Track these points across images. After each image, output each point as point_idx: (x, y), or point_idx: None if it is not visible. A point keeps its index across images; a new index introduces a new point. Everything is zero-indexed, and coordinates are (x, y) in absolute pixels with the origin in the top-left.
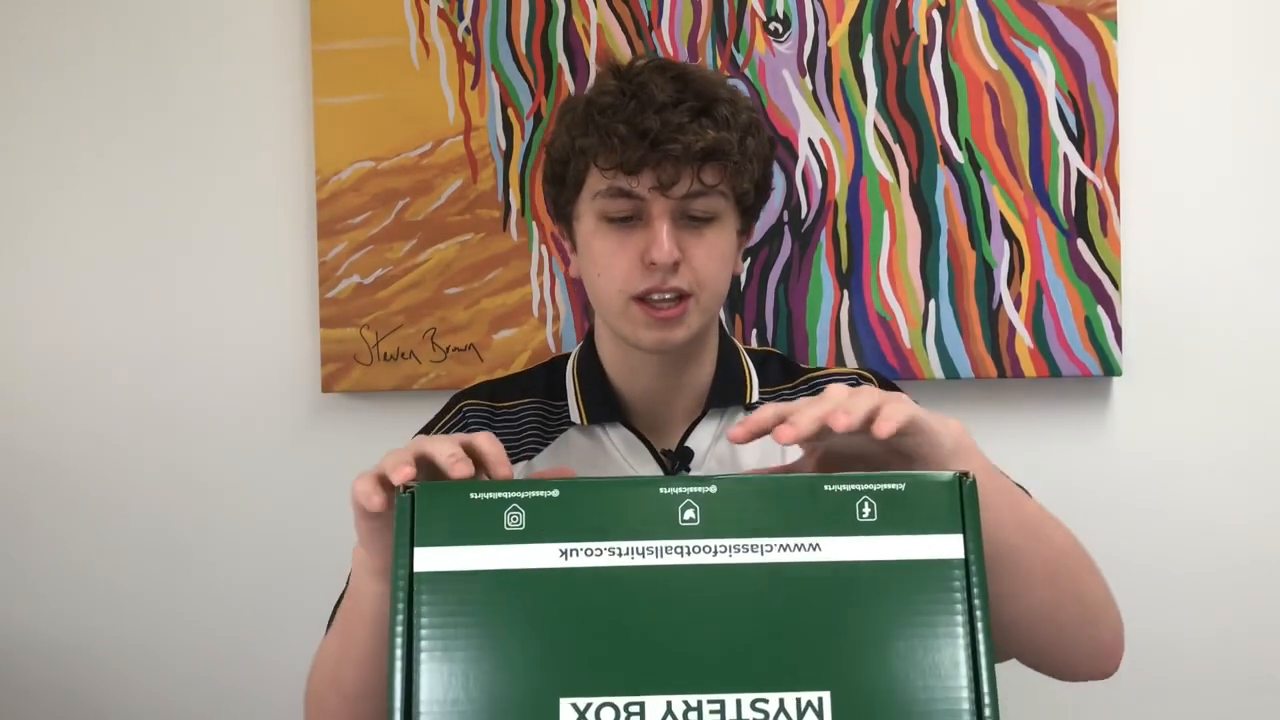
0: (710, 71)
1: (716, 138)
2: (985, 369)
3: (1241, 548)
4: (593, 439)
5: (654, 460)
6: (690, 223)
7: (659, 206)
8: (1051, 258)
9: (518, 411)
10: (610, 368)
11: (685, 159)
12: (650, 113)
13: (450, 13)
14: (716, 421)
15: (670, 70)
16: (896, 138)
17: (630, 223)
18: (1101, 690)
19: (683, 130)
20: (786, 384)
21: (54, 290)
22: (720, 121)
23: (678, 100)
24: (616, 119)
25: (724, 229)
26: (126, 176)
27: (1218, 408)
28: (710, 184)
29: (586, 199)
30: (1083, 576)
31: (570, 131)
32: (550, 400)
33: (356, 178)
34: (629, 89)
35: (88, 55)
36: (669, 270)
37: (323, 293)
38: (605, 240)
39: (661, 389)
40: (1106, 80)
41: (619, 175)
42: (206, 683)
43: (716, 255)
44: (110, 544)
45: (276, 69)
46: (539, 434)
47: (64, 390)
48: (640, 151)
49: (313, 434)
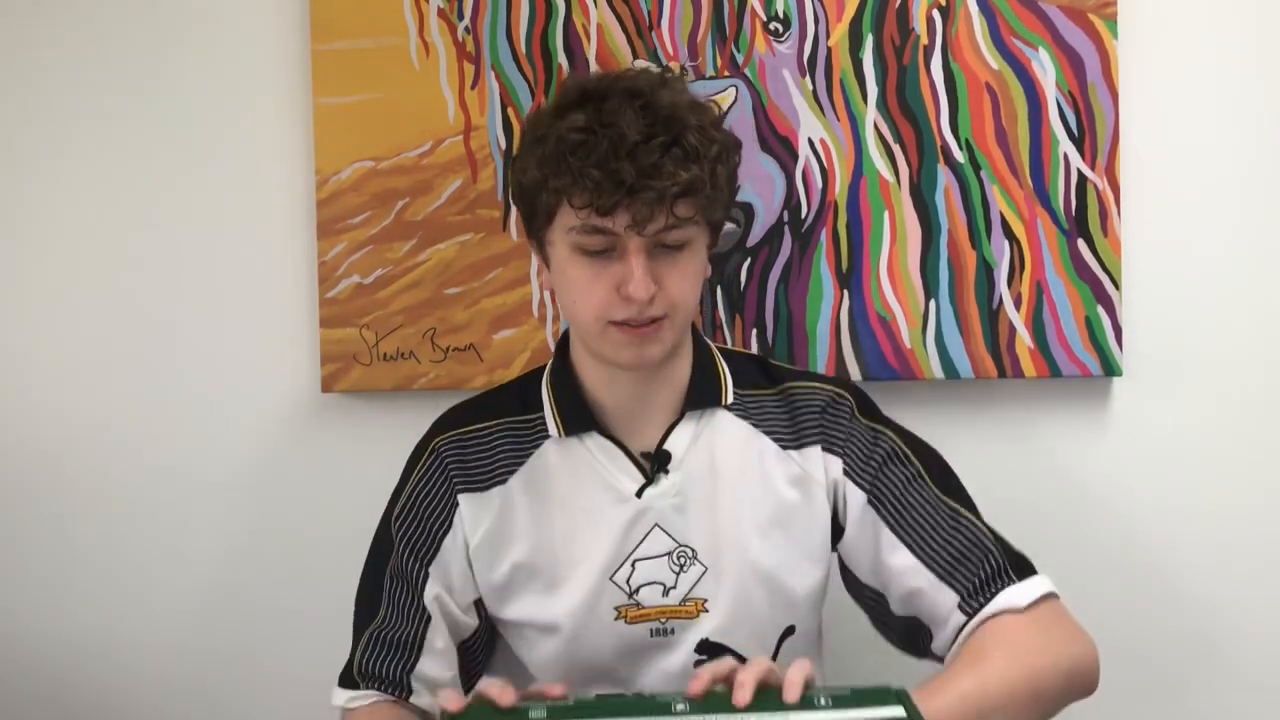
0: (676, 90)
1: (689, 178)
2: (985, 369)
3: (1242, 547)
4: (569, 450)
5: (632, 464)
6: (664, 250)
7: (634, 243)
8: (1052, 258)
9: (488, 435)
10: (586, 377)
11: (660, 201)
12: (623, 155)
13: (450, 12)
14: (694, 423)
15: (638, 98)
16: (897, 138)
17: (605, 255)
18: (1100, 690)
19: (657, 173)
20: (767, 388)
21: (53, 290)
22: (691, 154)
23: (648, 136)
24: (589, 162)
25: (695, 251)
26: (126, 176)
27: (1218, 408)
28: (684, 217)
29: (559, 229)
30: (1070, 686)
31: (541, 167)
32: (523, 416)
33: (356, 177)
34: (599, 126)
35: (87, 55)
36: (645, 304)
37: (322, 293)
38: (580, 270)
39: (637, 394)
40: (1107, 80)
41: (593, 215)
42: (206, 682)
43: (689, 277)
44: (110, 543)
45: (276, 69)
46: (512, 454)
47: (63, 390)
48: (615, 197)
49: (313, 434)
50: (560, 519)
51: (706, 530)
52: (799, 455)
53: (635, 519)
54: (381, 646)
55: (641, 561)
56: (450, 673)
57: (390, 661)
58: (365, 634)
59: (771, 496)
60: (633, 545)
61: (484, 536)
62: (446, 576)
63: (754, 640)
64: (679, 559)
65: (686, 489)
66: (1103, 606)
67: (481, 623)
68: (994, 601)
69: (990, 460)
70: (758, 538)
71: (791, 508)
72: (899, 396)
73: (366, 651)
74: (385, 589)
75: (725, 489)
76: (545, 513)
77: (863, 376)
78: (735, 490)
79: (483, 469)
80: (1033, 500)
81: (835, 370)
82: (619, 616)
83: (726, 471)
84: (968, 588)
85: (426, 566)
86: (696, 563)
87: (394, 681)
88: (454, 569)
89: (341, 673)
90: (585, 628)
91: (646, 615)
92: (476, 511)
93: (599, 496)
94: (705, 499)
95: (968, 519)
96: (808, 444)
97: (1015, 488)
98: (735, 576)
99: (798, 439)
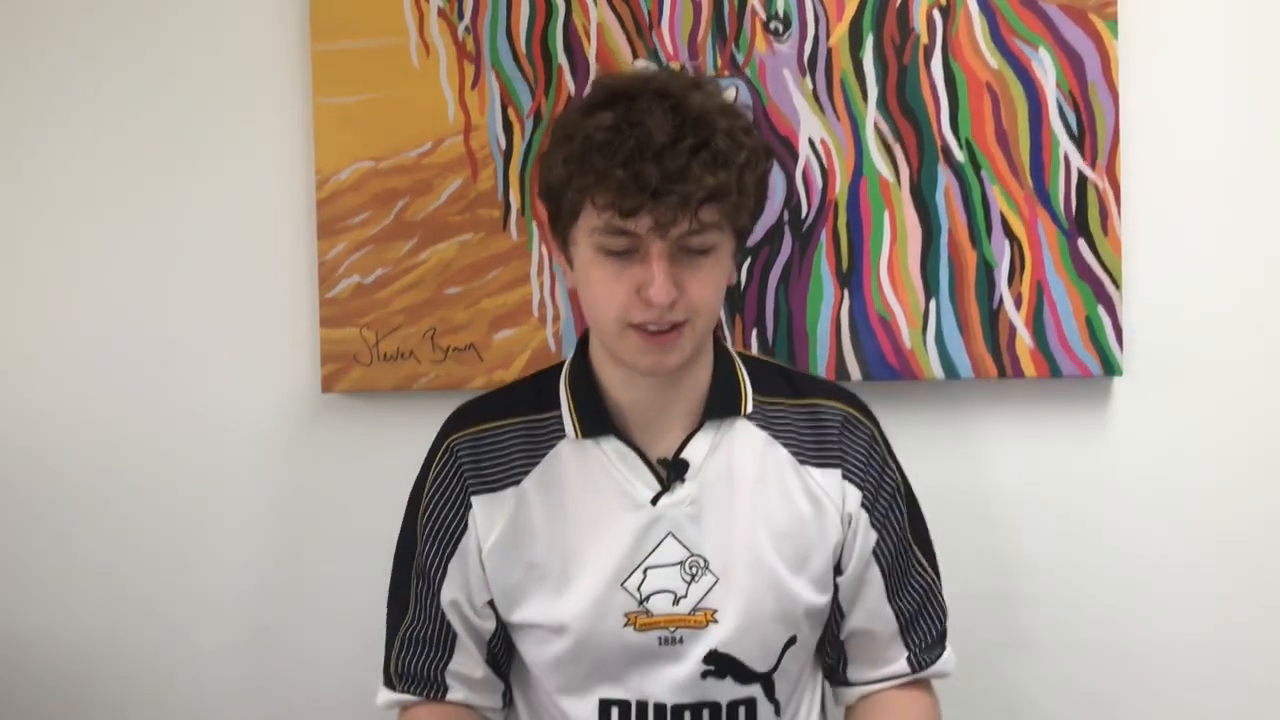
0: (708, 92)
1: (715, 183)
2: (986, 369)
3: (1242, 547)
4: (584, 452)
5: (648, 470)
6: (687, 255)
7: (657, 247)
8: (1052, 257)
9: (502, 434)
10: (605, 380)
11: (684, 205)
12: (649, 156)
13: (450, 12)
14: (713, 433)
15: (669, 98)
16: (897, 137)
17: (627, 256)
18: (1099, 690)
19: (682, 177)
20: (790, 398)
21: (53, 290)
22: (719, 158)
23: (676, 138)
24: (614, 162)
25: (720, 258)
26: (126, 176)
27: (1218, 408)
28: (708, 222)
29: (583, 229)
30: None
31: (566, 165)
32: (538, 415)
33: (356, 177)
34: (626, 125)
35: (87, 55)
36: (665, 308)
37: (322, 293)
38: (602, 270)
39: (656, 400)
40: (1107, 80)
41: (616, 216)
42: (207, 682)
43: (712, 284)
44: (110, 543)
45: (276, 69)
46: (526, 454)
47: (64, 390)
48: (639, 199)
49: (313, 434)
50: (573, 522)
51: (720, 541)
52: (819, 473)
53: (649, 526)
54: (414, 645)
55: (653, 569)
56: (481, 672)
57: (424, 660)
58: (398, 634)
59: (786, 507)
60: (645, 552)
61: (497, 539)
62: (464, 578)
63: (761, 651)
64: (691, 568)
65: (702, 499)
66: (1103, 606)
67: (498, 624)
68: (934, 666)
69: (990, 460)
70: (771, 548)
71: (804, 521)
72: (899, 396)
73: (401, 651)
74: (412, 589)
75: (741, 499)
76: (558, 514)
77: (863, 376)
78: (751, 500)
79: (497, 469)
80: (1033, 500)
81: (835, 370)
82: (628, 623)
83: (743, 481)
84: (919, 646)
85: (445, 567)
86: (708, 573)
87: (429, 680)
88: (470, 570)
89: (383, 671)
90: (593, 632)
91: (656, 623)
92: (490, 513)
93: (613, 501)
94: (721, 509)
95: (927, 572)
96: (829, 465)
97: (1015, 488)
98: (747, 587)
99: (820, 457)
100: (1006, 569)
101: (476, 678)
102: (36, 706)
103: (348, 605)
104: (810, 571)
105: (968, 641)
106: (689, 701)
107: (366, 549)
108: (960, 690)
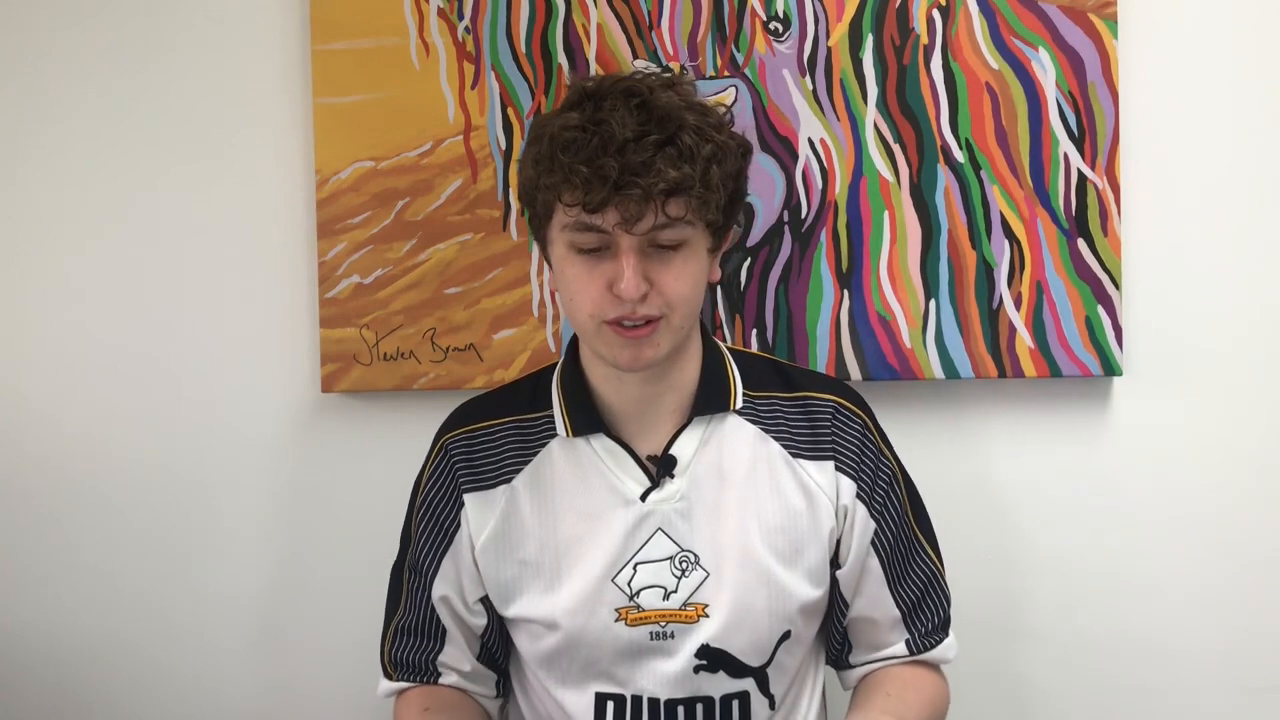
0: (680, 91)
1: (677, 176)
2: (985, 369)
3: (1242, 548)
4: (575, 450)
5: (638, 467)
6: (658, 250)
7: (625, 241)
8: (1052, 257)
9: (496, 433)
10: (594, 378)
11: (647, 198)
12: (611, 152)
13: (450, 12)
14: (702, 428)
15: (635, 97)
16: (897, 137)
17: (599, 253)
18: (1099, 690)
19: (644, 170)
20: (783, 392)
21: (54, 290)
22: (684, 153)
23: (640, 134)
24: (578, 159)
25: (693, 252)
26: (126, 176)
27: (1218, 407)
28: (675, 216)
29: (556, 228)
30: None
31: (536, 165)
32: (531, 415)
33: (356, 177)
34: (590, 124)
35: (87, 55)
36: (636, 302)
37: (322, 293)
38: (575, 268)
39: (644, 397)
40: (1107, 80)
41: (583, 212)
42: (206, 682)
43: (686, 278)
44: (110, 543)
45: (276, 69)
46: (518, 452)
47: (65, 390)
48: (602, 193)
49: (313, 434)
50: (564, 519)
51: (710, 536)
52: (812, 466)
53: (639, 522)
54: (406, 636)
55: (643, 565)
56: (470, 665)
57: (414, 650)
58: (391, 625)
59: (778, 501)
60: (635, 548)
61: (490, 536)
62: (457, 574)
63: (752, 646)
64: (681, 564)
65: (691, 494)
66: (1103, 606)
67: (491, 619)
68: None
69: (990, 460)
70: (762, 543)
71: (796, 515)
72: (899, 396)
73: (394, 642)
74: (405, 582)
75: (732, 494)
76: (549, 512)
77: (863, 376)
78: (742, 495)
79: (489, 467)
80: (1033, 500)
81: (835, 370)
82: (619, 618)
83: (734, 476)
84: (920, 631)
85: (438, 563)
86: (698, 568)
87: (421, 668)
88: (463, 567)
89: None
90: (584, 627)
91: (646, 618)
92: (481, 511)
93: (603, 498)
94: (711, 504)
95: (930, 560)
96: (822, 458)
97: (1015, 488)
98: (737, 582)
99: (812, 450)
100: (1007, 569)
101: (465, 670)
102: (38, 706)
103: (348, 604)
104: (803, 566)
105: (968, 641)
106: (682, 696)
107: (366, 548)
108: (961, 691)
